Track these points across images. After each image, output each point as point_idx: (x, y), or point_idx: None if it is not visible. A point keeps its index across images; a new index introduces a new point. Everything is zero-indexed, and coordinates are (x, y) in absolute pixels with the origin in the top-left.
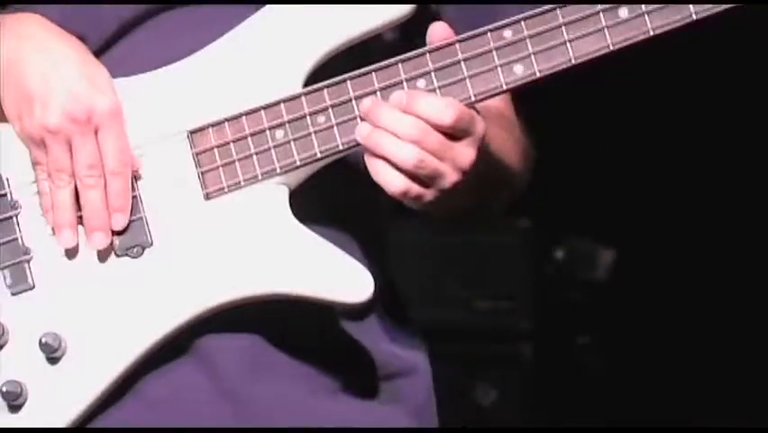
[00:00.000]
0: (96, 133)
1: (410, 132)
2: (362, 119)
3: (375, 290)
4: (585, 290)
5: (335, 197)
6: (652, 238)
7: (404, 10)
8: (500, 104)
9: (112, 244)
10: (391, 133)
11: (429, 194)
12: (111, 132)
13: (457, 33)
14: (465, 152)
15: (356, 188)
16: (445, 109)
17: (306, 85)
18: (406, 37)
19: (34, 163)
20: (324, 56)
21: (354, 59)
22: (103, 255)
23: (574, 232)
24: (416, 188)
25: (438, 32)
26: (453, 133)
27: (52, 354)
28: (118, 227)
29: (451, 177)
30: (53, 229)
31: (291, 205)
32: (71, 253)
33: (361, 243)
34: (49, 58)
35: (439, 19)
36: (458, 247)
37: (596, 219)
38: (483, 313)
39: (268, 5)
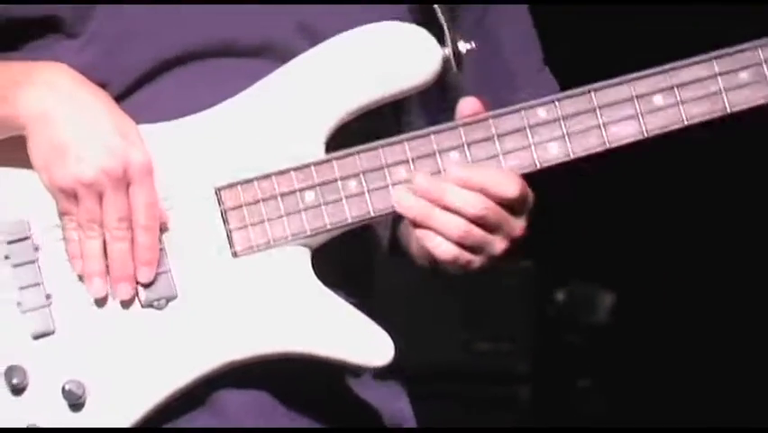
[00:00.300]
0: (127, 186)
1: (475, 207)
2: (394, 183)
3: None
4: (585, 333)
5: (342, 253)
6: (652, 282)
7: (426, 77)
8: None
9: (137, 294)
10: (450, 208)
11: (477, 261)
12: (143, 186)
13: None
14: (518, 223)
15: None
16: (509, 182)
17: (329, 141)
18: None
19: (62, 213)
20: (347, 116)
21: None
22: (127, 305)
23: (575, 274)
24: (465, 256)
25: (469, 106)
26: (514, 206)
27: (76, 401)
28: (144, 280)
29: (500, 245)
30: (80, 276)
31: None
32: (95, 299)
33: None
34: (79, 109)
35: (460, 87)
36: (459, 287)
37: (597, 262)
38: (482, 354)
39: (292, 61)
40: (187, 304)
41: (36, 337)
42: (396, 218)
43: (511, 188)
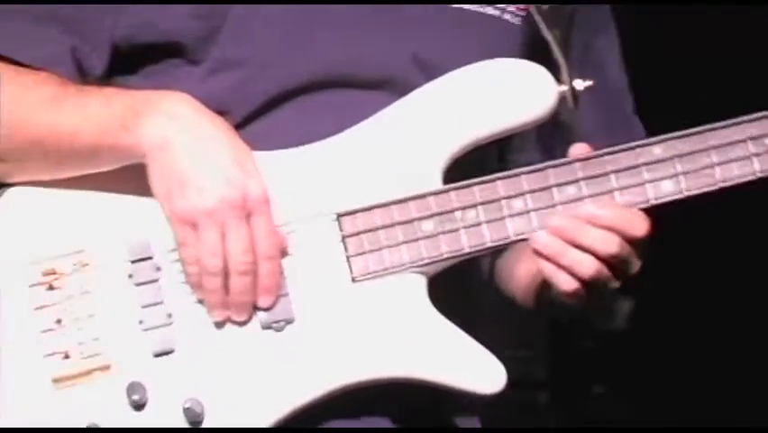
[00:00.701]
0: (247, 217)
1: (609, 246)
2: (511, 215)
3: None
4: (601, 339)
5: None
6: (669, 287)
7: (541, 113)
8: None
9: (256, 317)
10: (584, 247)
11: (591, 298)
12: (262, 216)
13: (595, 143)
14: (636, 262)
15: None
16: (640, 221)
17: (446, 173)
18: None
19: (180, 244)
20: (465, 149)
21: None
22: (246, 327)
23: None
24: (587, 293)
25: (581, 151)
26: (640, 245)
27: (195, 418)
28: (265, 306)
29: (616, 284)
30: (199, 298)
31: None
32: (213, 321)
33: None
34: (198, 139)
35: (574, 120)
36: None
37: None
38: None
39: (412, 94)
40: (304, 327)
41: (157, 355)
42: (496, 252)
43: (641, 226)
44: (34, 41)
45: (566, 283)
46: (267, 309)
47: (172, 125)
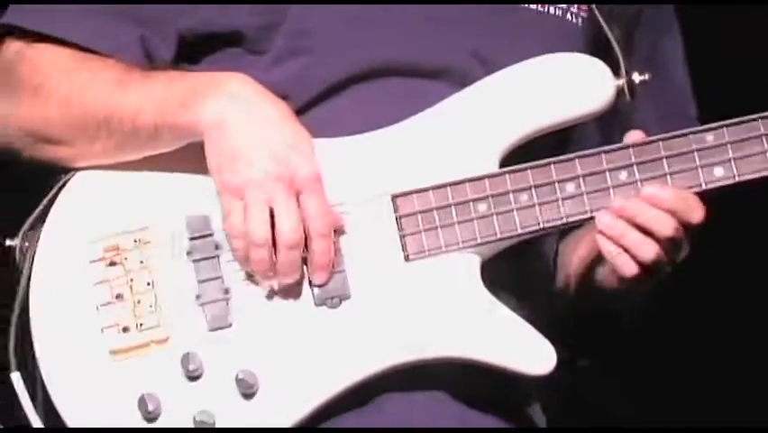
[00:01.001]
0: (297, 197)
1: (667, 227)
2: (563, 198)
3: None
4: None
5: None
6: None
7: (599, 105)
8: None
9: (312, 292)
10: (648, 229)
11: (645, 281)
12: (313, 195)
13: (652, 134)
14: (686, 248)
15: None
16: (698, 206)
17: (501, 162)
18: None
19: (226, 215)
20: (521, 140)
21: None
22: (302, 303)
23: None
24: (640, 276)
25: (637, 137)
26: (689, 227)
27: (247, 389)
28: (319, 282)
29: (668, 268)
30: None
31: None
32: (271, 297)
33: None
34: (255, 119)
35: (634, 115)
36: None
37: None
38: None
39: (473, 85)
40: (359, 304)
41: (213, 329)
42: (560, 236)
43: (699, 211)
44: (105, 32)
45: (626, 265)
46: (321, 286)
47: (231, 105)
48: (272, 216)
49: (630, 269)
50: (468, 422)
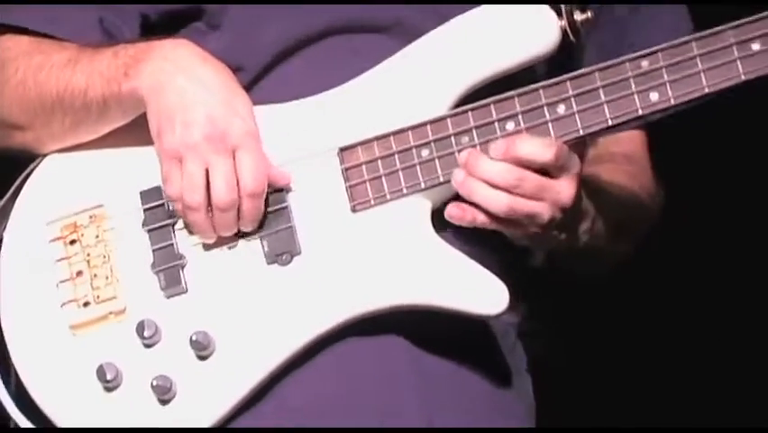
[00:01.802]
0: (233, 155)
1: (506, 178)
2: (503, 136)
3: (510, 303)
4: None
5: None
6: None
7: (547, 48)
8: (630, 147)
9: (263, 251)
10: (487, 182)
11: (529, 232)
12: (247, 153)
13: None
14: (564, 189)
15: None
16: (546, 147)
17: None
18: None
19: (164, 180)
20: (470, 88)
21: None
22: (253, 262)
23: None
24: (516, 228)
25: None
26: (553, 171)
27: (202, 351)
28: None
29: (547, 214)
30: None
31: (437, 221)
32: (223, 259)
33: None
34: (191, 80)
35: (582, 54)
36: None
37: None
38: None
39: (421, 38)
40: (310, 259)
41: (169, 296)
42: None
43: (549, 150)
44: (62, 17)
45: (487, 224)
46: (272, 242)
47: (168, 68)
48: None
49: (492, 227)
50: (423, 366)
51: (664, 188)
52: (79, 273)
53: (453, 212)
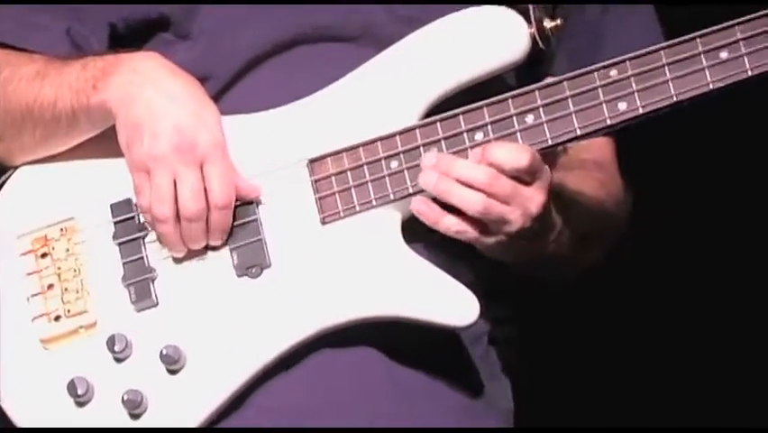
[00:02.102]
0: (201, 167)
1: (479, 177)
2: (472, 147)
3: (480, 314)
4: None
5: None
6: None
7: (516, 56)
8: (600, 154)
9: (233, 265)
10: (463, 182)
11: (496, 240)
12: (215, 166)
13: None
14: (535, 197)
15: None
16: (520, 152)
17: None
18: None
19: (136, 192)
20: (440, 98)
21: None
22: (223, 275)
23: None
24: (484, 235)
25: None
26: (525, 177)
27: (172, 365)
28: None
29: (518, 221)
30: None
31: (408, 233)
32: (193, 272)
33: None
34: (159, 92)
35: (552, 62)
36: None
37: None
38: None
39: (392, 47)
40: (280, 272)
41: (139, 310)
42: None
43: (524, 156)
44: (30, 29)
45: (460, 227)
46: (241, 255)
47: (136, 80)
48: None
49: (467, 231)
50: (397, 379)
51: (633, 194)
52: (50, 287)
53: (420, 206)
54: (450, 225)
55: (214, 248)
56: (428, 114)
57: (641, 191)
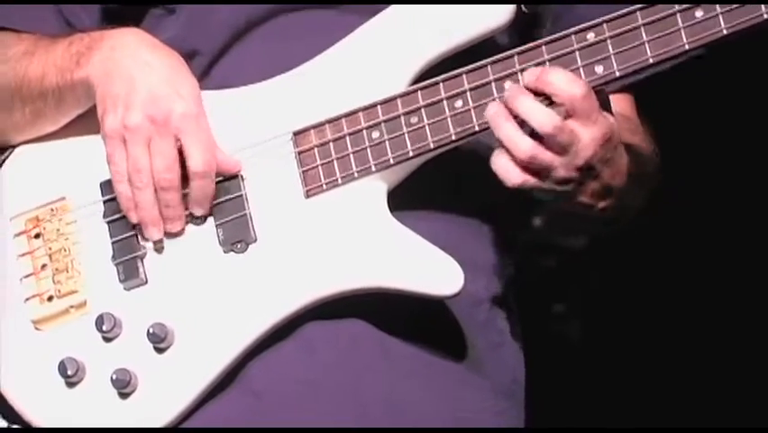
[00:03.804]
0: (177, 137)
1: (544, 122)
2: (452, 114)
3: (465, 283)
4: (562, 257)
5: (444, 194)
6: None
7: (503, 19)
8: (624, 105)
9: (219, 240)
10: (525, 117)
11: (544, 186)
12: (191, 136)
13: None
14: (583, 151)
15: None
16: (574, 82)
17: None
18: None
19: (108, 162)
20: (427, 65)
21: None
22: (209, 252)
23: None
24: (531, 181)
25: None
26: (580, 114)
27: (159, 343)
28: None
29: (562, 172)
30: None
31: (399, 203)
32: (181, 250)
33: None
34: (138, 66)
35: (540, 22)
36: None
37: None
38: None
39: (376, 17)
40: (266, 247)
41: (129, 288)
42: None
43: (579, 87)
44: (20, 9)
45: (506, 169)
46: (227, 230)
47: (115, 55)
48: None
49: (512, 175)
50: (389, 351)
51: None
52: (43, 267)
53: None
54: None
55: (201, 225)
56: (417, 81)
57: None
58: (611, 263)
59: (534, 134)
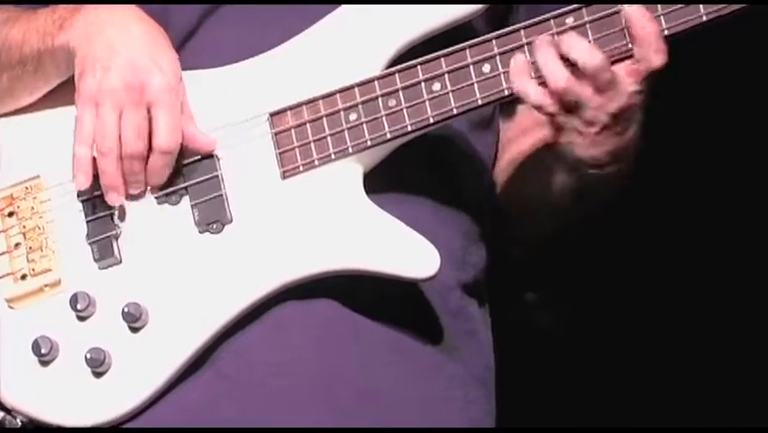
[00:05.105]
0: (149, 109)
1: (590, 61)
2: (429, 97)
3: (441, 266)
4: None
5: (422, 178)
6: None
7: (476, 6)
8: None
9: (194, 220)
10: (568, 55)
11: (570, 123)
12: (163, 109)
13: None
14: (619, 96)
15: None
16: (593, 50)
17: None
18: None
19: (77, 121)
20: (402, 48)
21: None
22: (185, 232)
23: None
24: (559, 113)
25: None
26: (598, 84)
27: (133, 322)
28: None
29: (591, 113)
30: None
31: (375, 187)
32: (156, 229)
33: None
34: (121, 32)
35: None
36: None
37: None
38: None
39: (347, 4)
40: (242, 227)
41: (103, 267)
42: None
43: (595, 55)
44: None
45: (535, 94)
46: (202, 211)
47: (99, 20)
48: None
49: (540, 98)
50: (361, 335)
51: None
52: (17, 246)
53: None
54: (530, 91)
55: (176, 204)
56: (392, 65)
57: (641, 191)
58: (584, 252)
59: None
